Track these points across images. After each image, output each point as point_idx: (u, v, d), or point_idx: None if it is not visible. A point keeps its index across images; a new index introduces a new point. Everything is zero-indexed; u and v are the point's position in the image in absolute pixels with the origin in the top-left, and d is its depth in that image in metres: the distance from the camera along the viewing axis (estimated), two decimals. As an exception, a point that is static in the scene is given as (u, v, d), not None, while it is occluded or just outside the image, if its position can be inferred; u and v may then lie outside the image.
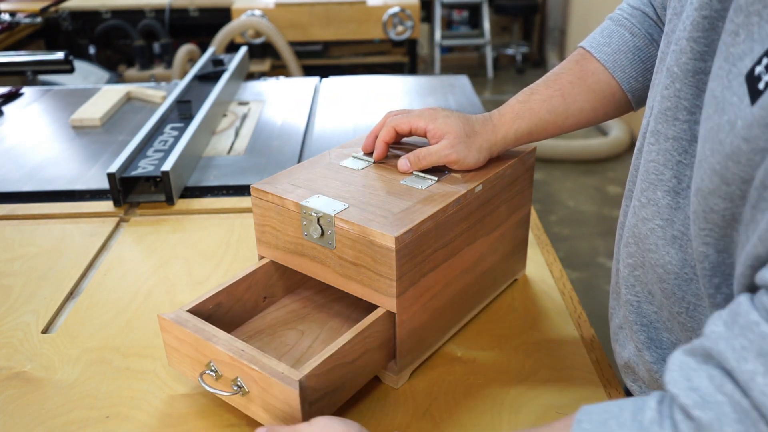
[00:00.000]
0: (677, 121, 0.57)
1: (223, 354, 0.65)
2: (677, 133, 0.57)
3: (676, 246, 0.58)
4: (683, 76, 0.55)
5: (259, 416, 0.66)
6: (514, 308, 0.89)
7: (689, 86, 0.55)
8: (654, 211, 0.60)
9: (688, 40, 0.54)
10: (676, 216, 0.58)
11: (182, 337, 0.70)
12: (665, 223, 0.59)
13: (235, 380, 0.66)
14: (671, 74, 0.57)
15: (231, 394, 0.66)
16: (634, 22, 0.78)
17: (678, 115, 0.56)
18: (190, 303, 0.74)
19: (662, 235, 0.59)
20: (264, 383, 0.63)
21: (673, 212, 0.58)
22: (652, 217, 0.60)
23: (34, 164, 1.32)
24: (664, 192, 0.59)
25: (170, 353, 0.73)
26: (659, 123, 0.59)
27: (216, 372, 0.67)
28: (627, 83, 0.78)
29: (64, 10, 3.03)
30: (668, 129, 0.58)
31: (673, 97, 0.57)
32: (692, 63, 0.54)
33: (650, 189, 0.60)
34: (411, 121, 0.80)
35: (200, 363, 0.69)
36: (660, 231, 0.59)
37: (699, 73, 0.54)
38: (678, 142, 0.57)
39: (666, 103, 0.57)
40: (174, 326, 0.70)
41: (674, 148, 0.57)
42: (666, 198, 0.58)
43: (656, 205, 0.59)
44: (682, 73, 0.55)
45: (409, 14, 2.87)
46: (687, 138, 0.56)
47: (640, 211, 0.62)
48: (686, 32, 0.54)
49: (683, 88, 0.55)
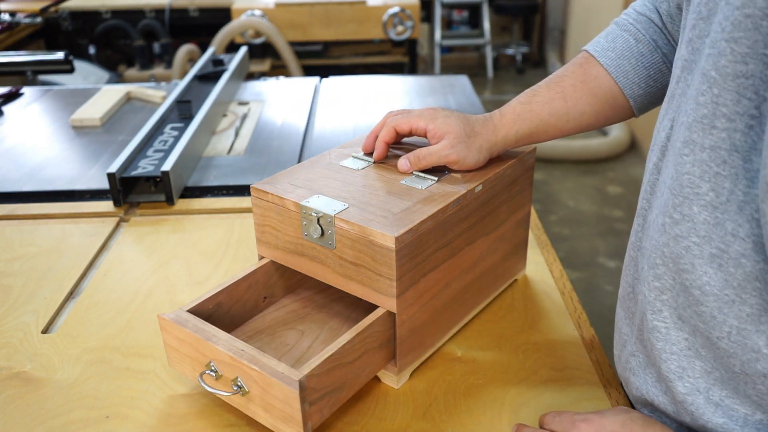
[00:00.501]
0: (715, 129, 0.53)
1: (223, 354, 0.65)
2: (715, 143, 0.53)
3: (714, 265, 0.54)
4: (722, 80, 0.52)
5: (259, 416, 0.66)
6: (514, 308, 0.89)
7: (729, 91, 0.51)
8: (689, 227, 0.56)
9: (728, 42, 0.51)
10: (714, 232, 0.54)
11: (182, 337, 0.70)
12: (702, 240, 0.55)
13: (235, 380, 0.66)
14: (708, 79, 0.53)
15: (231, 394, 0.66)
16: (639, 28, 0.77)
17: (716, 122, 0.53)
18: (190, 303, 0.74)
19: (699, 253, 0.55)
20: (264, 383, 0.63)
21: (711, 228, 0.54)
22: (687, 235, 0.56)
23: (34, 164, 1.32)
24: (701, 207, 0.54)
25: (170, 353, 0.73)
26: (694, 132, 0.55)
27: (216, 372, 0.67)
28: (629, 89, 0.78)
29: (64, 10, 3.03)
30: (705, 138, 0.54)
31: (710, 104, 0.53)
32: (732, 66, 0.51)
33: (685, 204, 0.56)
34: (411, 121, 0.80)
35: (200, 363, 0.69)
36: (696, 249, 0.55)
37: (740, 77, 0.50)
38: (716, 152, 0.53)
39: (702, 110, 0.54)
40: (174, 326, 0.70)
41: (711, 158, 0.53)
42: (703, 213, 0.54)
43: (692, 221, 0.55)
44: (721, 77, 0.52)
45: (409, 14, 2.87)
46: (726, 147, 0.52)
47: (672, 228, 0.58)
48: (725, 33, 0.51)
49: (722, 93, 0.52)
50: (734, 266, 0.53)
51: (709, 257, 0.54)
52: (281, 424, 0.64)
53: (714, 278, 0.54)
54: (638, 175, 3.63)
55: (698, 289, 0.56)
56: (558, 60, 5.42)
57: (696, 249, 0.55)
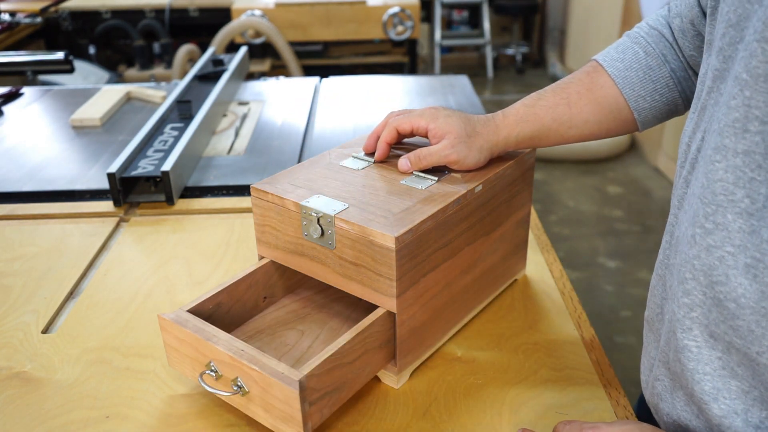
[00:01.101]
0: (748, 133, 0.51)
1: (223, 354, 0.65)
2: (749, 147, 0.51)
3: (750, 276, 0.52)
4: (753, 81, 0.50)
5: (259, 416, 0.66)
6: (514, 308, 0.89)
7: (761, 92, 0.50)
8: (723, 236, 0.53)
9: (759, 42, 0.49)
10: (749, 241, 0.52)
11: (182, 337, 0.70)
12: (737, 249, 0.52)
13: (235, 380, 0.66)
14: (740, 82, 0.51)
15: (231, 394, 0.66)
16: (650, 42, 0.77)
17: (748, 126, 0.51)
18: (190, 303, 0.74)
19: (733, 263, 0.53)
20: (264, 383, 0.63)
21: (747, 237, 0.52)
22: (721, 244, 0.54)
23: (34, 164, 1.32)
24: (735, 214, 0.52)
25: (170, 353, 0.73)
26: (726, 138, 0.53)
27: (216, 372, 0.67)
28: (634, 101, 0.77)
29: (64, 10, 3.03)
30: (737, 143, 0.52)
31: (741, 107, 0.51)
32: (764, 66, 0.49)
33: (718, 212, 0.54)
34: (412, 121, 0.80)
35: (200, 363, 0.69)
36: (731, 259, 0.53)
37: None
38: (750, 157, 0.51)
39: (734, 114, 0.52)
40: (174, 326, 0.70)
41: (746, 163, 0.51)
42: (738, 221, 0.52)
43: (726, 229, 0.53)
44: (752, 78, 0.50)
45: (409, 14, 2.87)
46: (760, 151, 0.50)
47: (704, 239, 0.55)
48: (757, 34, 0.49)
49: (754, 95, 0.50)
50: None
51: (744, 267, 0.52)
52: (281, 424, 0.64)
53: (749, 290, 0.52)
54: (638, 175, 3.63)
55: (733, 302, 0.53)
56: (558, 60, 5.42)
57: (730, 259, 0.53)
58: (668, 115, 0.79)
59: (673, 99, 0.77)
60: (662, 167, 3.61)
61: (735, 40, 0.53)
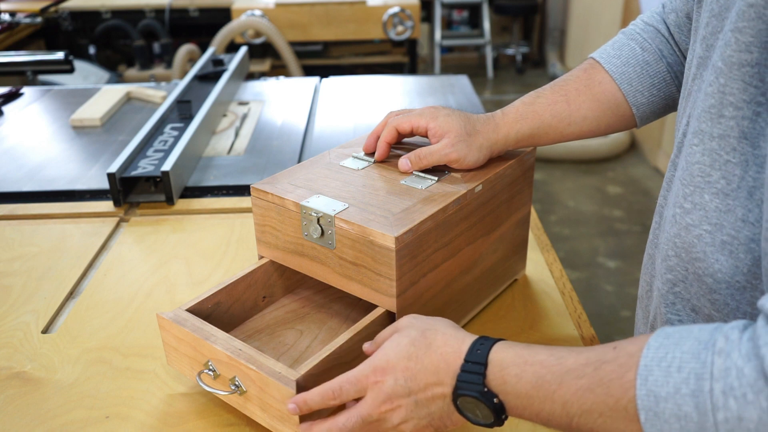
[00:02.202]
0: (723, 118, 0.54)
1: (221, 353, 0.66)
2: (724, 131, 0.54)
3: (726, 252, 0.55)
4: (728, 69, 0.52)
5: (256, 416, 0.66)
6: (514, 308, 0.89)
7: (735, 80, 0.52)
8: (701, 216, 0.56)
9: (732, 32, 0.52)
10: (725, 219, 0.54)
11: (181, 336, 0.70)
12: (714, 228, 0.55)
13: (232, 379, 0.66)
14: (716, 70, 0.54)
15: (229, 393, 0.66)
16: (646, 38, 0.78)
17: (723, 111, 0.53)
18: (189, 302, 0.74)
19: (711, 241, 0.55)
20: (261, 383, 0.63)
21: (722, 215, 0.55)
22: (699, 223, 0.57)
23: (34, 164, 1.32)
24: (712, 195, 0.55)
25: (169, 352, 0.73)
26: (702, 122, 0.56)
27: (214, 371, 0.67)
28: (632, 96, 0.78)
29: (64, 10, 3.03)
30: (713, 127, 0.55)
31: (717, 93, 0.54)
32: (737, 55, 0.51)
33: (696, 193, 0.57)
34: (412, 121, 0.80)
35: (198, 362, 0.69)
36: (708, 237, 0.56)
37: (745, 66, 0.51)
38: (725, 141, 0.54)
39: (710, 100, 0.55)
40: (172, 325, 0.70)
41: (721, 147, 0.54)
42: (714, 201, 0.55)
43: (703, 209, 0.56)
44: (726, 66, 0.53)
45: (409, 14, 2.87)
46: (735, 135, 0.53)
47: (683, 218, 0.58)
48: (731, 24, 0.52)
49: (728, 82, 0.53)
50: (744, 252, 0.53)
51: (721, 244, 0.55)
52: (278, 424, 0.64)
53: (725, 265, 0.55)
54: (638, 175, 3.63)
55: (710, 277, 0.56)
56: (558, 60, 5.42)
57: (708, 237, 0.56)
58: (666, 110, 0.80)
59: (670, 93, 0.78)
60: (662, 167, 3.61)
61: (717, 29, 0.56)
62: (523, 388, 0.53)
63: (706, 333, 0.46)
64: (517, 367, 0.53)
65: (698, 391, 0.43)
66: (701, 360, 0.44)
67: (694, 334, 0.47)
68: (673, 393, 0.44)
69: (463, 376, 0.55)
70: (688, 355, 0.45)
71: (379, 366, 0.58)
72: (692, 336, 0.46)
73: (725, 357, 0.43)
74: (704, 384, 0.43)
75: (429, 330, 0.59)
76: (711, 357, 0.44)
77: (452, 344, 0.57)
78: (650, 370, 0.46)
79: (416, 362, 0.57)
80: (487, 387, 0.54)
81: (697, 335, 0.46)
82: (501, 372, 0.54)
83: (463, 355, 0.56)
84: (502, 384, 0.54)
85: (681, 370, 0.45)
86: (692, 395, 0.44)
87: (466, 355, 0.56)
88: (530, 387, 0.52)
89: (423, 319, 0.62)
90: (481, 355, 0.55)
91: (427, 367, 0.57)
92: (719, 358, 0.44)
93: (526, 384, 0.52)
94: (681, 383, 0.44)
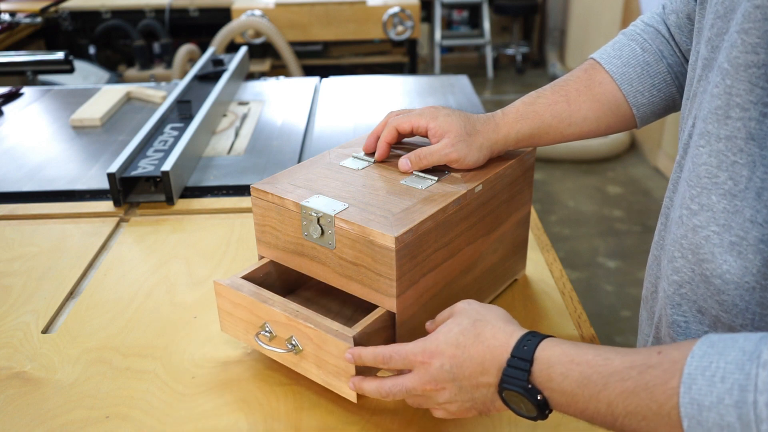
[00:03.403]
0: (729, 119, 0.54)
1: (279, 315, 0.71)
2: (731, 132, 0.54)
3: (734, 253, 0.55)
4: (734, 71, 0.53)
5: (311, 373, 0.71)
6: (514, 308, 0.89)
7: (741, 81, 0.52)
8: (709, 217, 0.56)
9: (738, 33, 0.52)
10: (733, 220, 0.54)
11: (238, 302, 0.75)
12: (722, 229, 0.55)
13: (289, 339, 0.71)
14: (722, 71, 0.54)
15: (285, 352, 0.71)
16: (646, 38, 0.78)
17: (730, 113, 0.54)
18: (242, 271, 0.79)
19: (719, 242, 0.56)
20: (319, 340, 0.68)
21: (730, 216, 0.55)
22: (706, 224, 0.57)
23: (34, 164, 1.32)
24: (720, 196, 0.55)
25: (223, 318, 0.78)
26: (709, 123, 0.56)
27: (270, 333, 0.73)
28: (633, 96, 0.78)
29: (64, 10, 3.03)
30: (720, 129, 0.55)
31: (723, 95, 0.54)
32: (743, 56, 0.52)
33: (703, 194, 0.57)
34: (412, 120, 0.80)
35: (254, 325, 0.74)
36: (716, 238, 0.56)
37: (751, 67, 0.51)
38: (732, 142, 0.54)
39: (716, 101, 0.55)
40: (230, 291, 0.75)
41: (728, 148, 0.54)
42: (722, 202, 0.55)
43: (711, 210, 0.56)
44: (733, 68, 0.53)
45: (409, 14, 2.87)
46: (742, 136, 0.53)
47: (690, 219, 0.58)
48: (738, 25, 0.52)
49: (735, 84, 0.53)
50: (753, 253, 0.53)
51: (729, 245, 0.55)
52: (333, 380, 0.69)
53: (734, 266, 0.55)
54: (638, 175, 3.63)
55: (719, 278, 0.56)
56: (558, 60, 5.42)
57: (716, 238, 0.56)
58: (666, 110, 0.80)
59: (671, 94, 0.78)
60: (662, 167, 3.61)
61: (722, 30, 0.56)
62: (569, 387, 0.53)
63: (752, 343, 0.46)
64: (563, 366, 0.54)
65: (742, 403, 0.44)
66: (745, 371, 0.44)
67: (740, 343, 0.46)
68: (717, 403, 0.45)
69: (509, 371, 0.56)
70: (732, 366, 0.45)
71: (428, 349, 0.61)
72: (737, 346, 0.46)
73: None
74: (748, 396, 0.43)
75: (480, 321, 0.61)
76: (756, 369, 0.44)
77: (500, 337, 0.58)
78: (694, 379, 0.46)
79: (463, 351, 0.59)
80: (532, 383, 0.55)
81: (742, 345, 0.46)
82: (547, 369, 0.55)
83: (510, 349, 0.57)
84: (547, 381, 0.55)
85: (725, 380, 0.45)
86: (735, 406, 0.44)
87: (513, 350, 0.57)
88: (576, 386, 0.53)
89: (477, 307, 0.64)
90: (528, 351, 0.56)
91: (474, 357, 0.58)
92: (764, 371, 0.44)
93: (572, 383, 0.53)
94: (724, 393, 0.45)
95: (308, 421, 0.71)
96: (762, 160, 0.52)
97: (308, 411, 0.72)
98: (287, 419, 0.71)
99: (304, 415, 0.72)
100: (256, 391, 0.75)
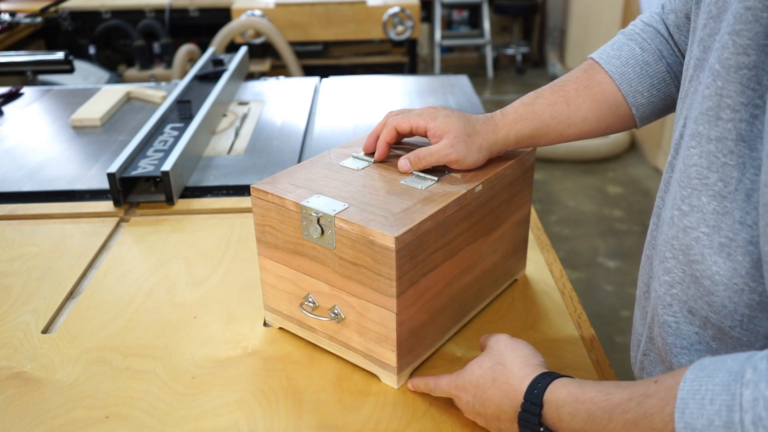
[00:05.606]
0: (720, 121, 0.54)
1: (323, 285, 0.75)
2: (721, 134, 0.54)
3: (723, 254, 0.55)
4: (725, 72, 0.53)
5: (352, 340, 0.76)
6: (514, 308, 0.89)
7: (732, 83, 0.52)
8: (698, 218, 0.57)
9: (730, 34, 0.52)
10: (723, 222, 0.55)
11: (282, 274, 0.79)
12: (711, 230, 0.56)
13: (332, 308, 0.75)
14: (713, 72, 0.54)
15: (328, 320, 0.76)
16: (645, 38, 0.78)
17: (721, 114, 0.54)
18: None
19: (708, 243, 0.56)
20: (361, 308, 0.72)
21: (720, 218, 0.55)
22: (696, 225, 0.57)
23: (34, 164, 1.32)
24: (710, 197, 0.55)
25: (267, 291, 0.82)
26: (700, 125, 0.56)
27: (314, 303, 0.77)
28: (632, 97, 0.78)
29: (64, 10, 3.03)
30: (711, 130, 0.55)
31: (714, 96, 0.54)
32: (734, 58, 0.52)
33: (693, 195, 0.57)
34: (411, 121, 0.80)
35: (298, 297, 0.79)
36: (706, 239, 0.56)
37: (742, 68, 0.51)
38: (722, 143, 0.54)
39: (707, 102, 0.55)
40: (275, 264, 0.79)
41: (718, 149, 0.54)
42: (712, 203, 0.55)
43: (701, 211, 0.56)
44: (724, 69, 0.53)
45: (409, 14, 2.87)
46: (732, 138, 0.53)
47: (681, 220, 0.59)
48: (728, 26, 0.52)
49: (725, 85, 0.53)
50: (742, 254, 0.54)
51: (718, 247, 0.55)
52: (374, 346, 0.73)
53: (723, 267, 0.55)
54: (638, 175, 3.63)
55: (708, 279, 0.57)
56: (558, 60, 5.42)
57: (705, 239, 0.56)
58: (666, 110, 0.80)
59: (670, 94, 0.78)
60: (662, 167, 3.61)
61: (714, 31, 0.56)
62: (578, 425, 0.57)
63: (738, 364, 0.47)
64: (570, 406, 0.57)
65: (730, 423, 0.45)
66: (731, 392, 0.45)
67: (727, 365, 0.47)
68: (708, 425, 0.46)
69: (522, 415, 0.61)
70: (719, 387, 0.46)
71: (459, 384, 0.68)
72: (725, 368, 0.47)
73: (753, 388, 0.44)
74: (734, 416, 0.44)
75: (498, 365, 0.66)
76: (740, 389, 0.45)
77: (513, 383, 0.63)
78: (686, 403, 0.47)
79: (483, 392, 0.65)
80: (544, 425, 0.60)
81: (729, 366, 0.47)
82: (557, 411, 0.58)
83: (522, 394, 0.61)
84: (558, 421, 0.59)
85: (713, 402, 0.46)
86: (725, 426, 0.45)
87: (525, 394, 0.61)
88: (583, 423, 0.56)
89: (502, 347, 0.68)
90: (538, 395, 0.60)
91: (492, 399, 0.64)
92: (747, 390, 0.44)
93: (579, 421, 0.56)
94: (714, 415, 0.46)
95: (308, 421, 0.71)
96: (752, 162, 0.52)
97: (308, 411, 0.72)
98: (287, 419, 0.71)
99: (304, 415, 0.72)
100: (256, 391, 0.75)
